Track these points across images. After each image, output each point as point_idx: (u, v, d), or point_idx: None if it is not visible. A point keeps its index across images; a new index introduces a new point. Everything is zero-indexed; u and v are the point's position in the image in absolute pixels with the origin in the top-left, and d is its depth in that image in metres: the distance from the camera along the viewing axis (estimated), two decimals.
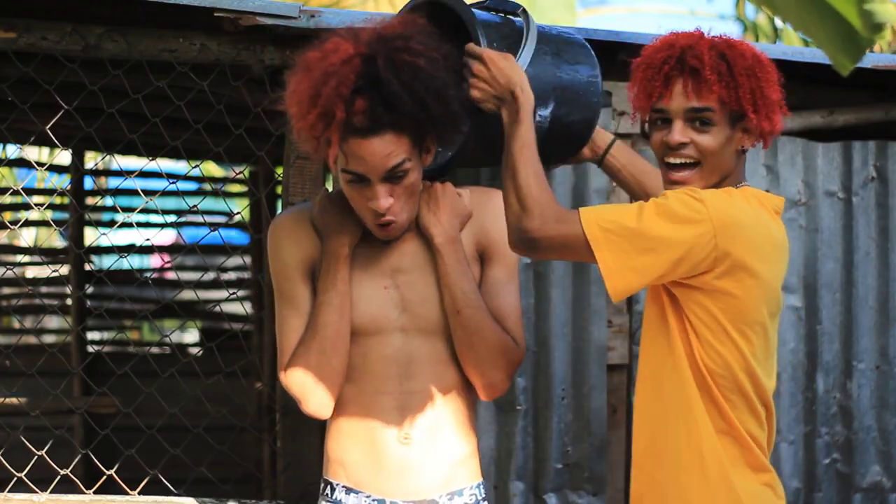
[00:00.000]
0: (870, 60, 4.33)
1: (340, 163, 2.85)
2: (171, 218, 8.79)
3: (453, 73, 2.87)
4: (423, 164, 2.92)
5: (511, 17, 3.11)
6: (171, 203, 9.53)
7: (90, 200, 8.81)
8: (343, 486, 2.97)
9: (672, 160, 2.87)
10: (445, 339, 2.97)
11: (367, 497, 2.95)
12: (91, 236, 9.45)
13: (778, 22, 11.76)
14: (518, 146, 2.82)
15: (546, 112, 3.04)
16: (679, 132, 2.85)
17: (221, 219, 8.82)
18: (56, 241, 10.69)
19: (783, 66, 4.40)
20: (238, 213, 4.76)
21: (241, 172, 6.69)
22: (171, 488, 4.30)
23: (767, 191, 4.47)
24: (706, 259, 2.74)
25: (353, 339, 2.96)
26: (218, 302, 8.98)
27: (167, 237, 10.70)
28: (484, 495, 3.03)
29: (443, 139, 2.91)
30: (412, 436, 2.94)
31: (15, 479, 4.22)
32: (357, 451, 2.96)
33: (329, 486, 3.00)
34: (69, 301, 8.86)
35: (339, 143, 2.79)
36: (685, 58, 2.84)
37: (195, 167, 4.63)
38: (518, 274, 3.08)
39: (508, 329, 3.00)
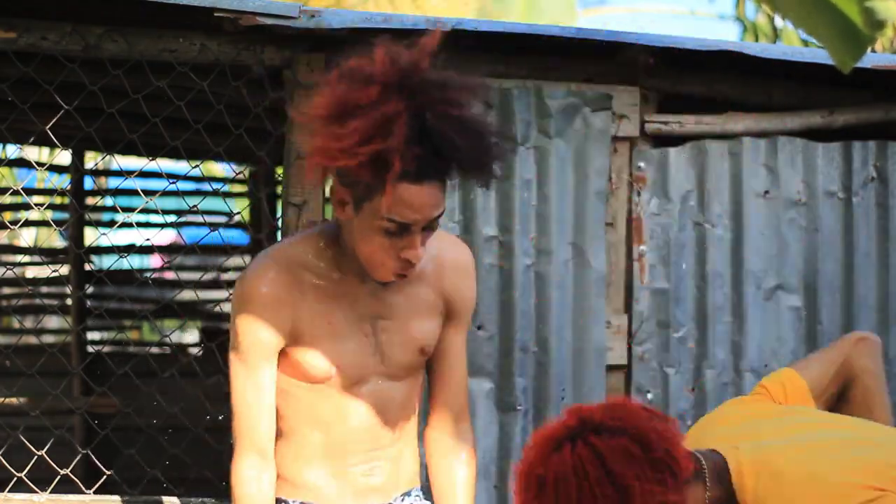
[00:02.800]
0: (870, 60, 4.33)
1: (379, 211, 2.70)
2: (171, 218, 8.79)
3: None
4: None
5: None
6: (171, 203, 9.52)
7: (90, 200, 8.81)
8: (301, 503, 2.96)
9: None
10: (411, 379, 2.98)
11: None
12: (91, 236, 9.44)
13: (778, 22, 11.76)
14: None
15: None
16: None
17: (221, 219, 8.82)
18: (56, 241, 10.69)
19: (783, 66, 4.43)
20: (238, 213, 4.76)
21: (241, 172, 6.67)
22: (172, 488, 4.30)
23: (767, 191, 4.47)
24: None
25: (330, 385, 2.90)
26: (218, 302, 8.98)
27: (167, 237, 10.69)
28: (423, 497, 3.07)
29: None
30: (376, 469, 2.96)
31: (15, 479, 4.22)
32: (321, 478, 2.95)
33: None
34: (69, 301, 8.85)
35: (383, 182, 2.66)
36: None
37: (195, 167, 4.63)
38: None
39: (461, 397, 3.05)
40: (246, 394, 2.87)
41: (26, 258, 9.56)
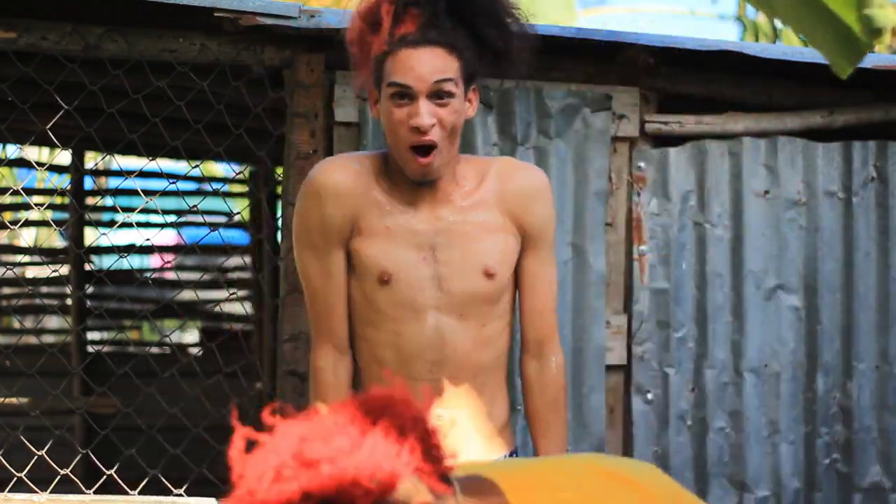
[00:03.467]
0: (870, 60, 4.33)
1: (388, 80, 2.85)
2: (171, 218, 8.79)
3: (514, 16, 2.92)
4: (466, 114, 2.91)
5: None
6: (171, 203, 9.52)
7: (90, 200, 8.81)
8: None
9: None
10: (479, 320, 2.96)
11: None
12: (91, 236, 9.44)
13: (778, 22, 11.76)
14: None
15: None
16: None
17: (221, 219, 8.82)
18: (56, 241, 10.68)
19: (783, 66, 4.43)
20: (238, 213, 4.76)
21: (241, 172, 6.67)
22: (171, 488, 4.30)
23: (767, 191, 4.47)
24: None
25: (387, 316, 2.93)
26: (218, 302, 8.98)
27: (167, 237, 10.68)
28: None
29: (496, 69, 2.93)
30: (445, 417, 2.92)
31: (15, 479, 4.22)
32: None
33: None
34: (69, 301, 8.85)
35: (386, 53, 2.83)
36: None
37: (195, 167, 4.63)
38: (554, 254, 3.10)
39: (544, 324, 3.06)
40: (318, 282, 2.95)
41: (26, 258, 9.56)
